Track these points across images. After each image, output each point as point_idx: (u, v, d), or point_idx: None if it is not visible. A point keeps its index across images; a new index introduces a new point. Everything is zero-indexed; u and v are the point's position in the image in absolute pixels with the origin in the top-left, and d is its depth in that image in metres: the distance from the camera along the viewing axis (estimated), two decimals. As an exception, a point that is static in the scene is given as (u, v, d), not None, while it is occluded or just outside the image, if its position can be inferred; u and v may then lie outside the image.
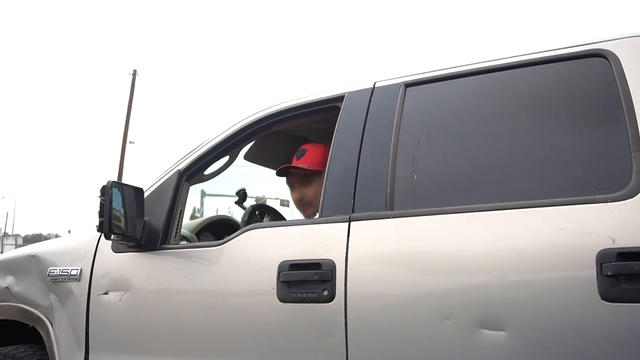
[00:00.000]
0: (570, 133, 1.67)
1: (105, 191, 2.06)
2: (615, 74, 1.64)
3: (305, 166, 2.44)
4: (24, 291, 2.47)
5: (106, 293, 2.20)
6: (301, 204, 2.48)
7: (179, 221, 2.27)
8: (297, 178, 2.49)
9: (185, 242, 2.60)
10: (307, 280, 1.79)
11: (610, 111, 1.61)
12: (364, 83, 2.09)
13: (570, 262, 1.47)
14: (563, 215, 1.51)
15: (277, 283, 1.83)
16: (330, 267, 1.76)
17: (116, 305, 2.16)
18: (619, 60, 1.65)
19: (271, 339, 1.86)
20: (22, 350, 2.43)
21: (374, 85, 2.05)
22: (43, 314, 2.37)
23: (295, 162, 2.49)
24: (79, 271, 2.31)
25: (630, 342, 1.38)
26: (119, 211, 2.09)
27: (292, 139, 2.97)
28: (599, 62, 1.69)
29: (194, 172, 2.34)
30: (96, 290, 2.23)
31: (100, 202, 2.05)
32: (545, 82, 1.79)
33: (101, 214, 2.05)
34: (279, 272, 1.84)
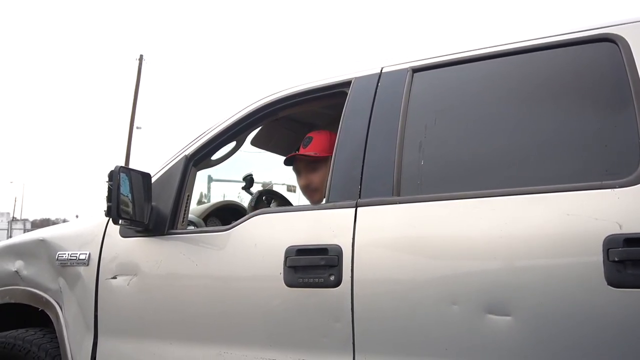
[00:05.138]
0: (579, 118, 1.66)
1: (113, 176, 2.07)
2: (624, 58, 1.62)
3: (312, 153, 2.45)
4: (33, 275, 2.50)
5: (114, 277, 2.22)
6: (308, 191, 2.49)
7: (186, 206, 2.28)
8: (303, 165, 2.50)
9: (193, 227, 2.61)
10: (314, 265, 1.80)
11: (619, 96, 1.60)
12: (371, 68, 2.08)
13: (577, 247, 1.47)
14: (570, 201, 1.51)
15: (284, 268, 1.84)
16: (337, 252, 1.77)
17: (124, 289, 2.18)
18: (629, 45, 1.63)
19: (278, 324, 1.87)
20: (32, 333, 2.46)
21: (381, 70, 2.04)
22: (52, 298, 2.40)
23: (302, 150, 2.50)
24: (87, 255, 2.33)
25: (636, 327, 1.38)
26: (127, 196, 2.10)
27: (299, 124, 2.97)
28: (608, 46, 1.68)
29: (201, 157, 2.34)
30: (105, 275, 2.25)
31: (108, 187, 2.06)
32: (553, 67, 1.78)
33: (109, 198, 2.06)
34: (286, 257, 1.85)
